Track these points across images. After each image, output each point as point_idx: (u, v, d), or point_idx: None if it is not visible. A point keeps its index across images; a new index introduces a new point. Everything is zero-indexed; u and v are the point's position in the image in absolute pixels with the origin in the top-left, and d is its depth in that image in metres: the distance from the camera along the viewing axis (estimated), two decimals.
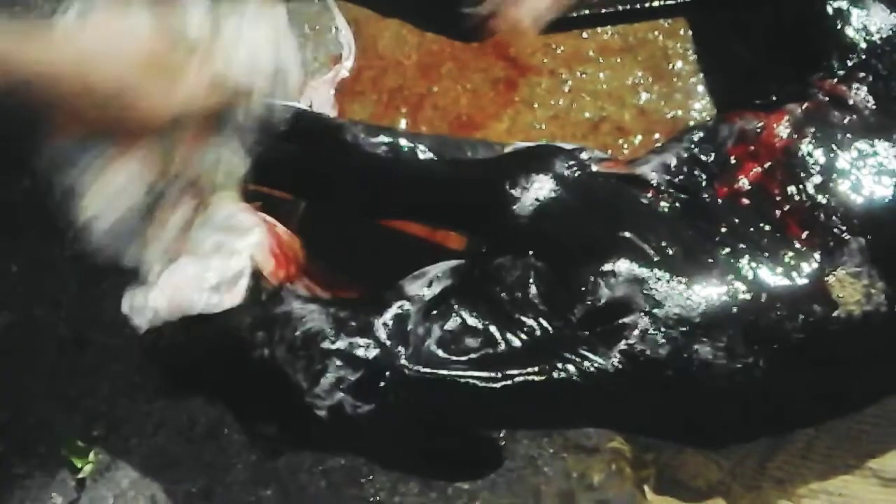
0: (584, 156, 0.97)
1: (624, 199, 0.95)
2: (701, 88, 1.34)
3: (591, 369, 0.85)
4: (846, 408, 0.98)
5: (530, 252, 0.90)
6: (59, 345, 1.30)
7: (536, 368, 0.85)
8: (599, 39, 1.39)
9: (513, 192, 0.92)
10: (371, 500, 1.16)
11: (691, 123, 1.31)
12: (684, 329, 0.86)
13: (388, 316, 0.89)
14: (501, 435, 1.16)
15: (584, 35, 1.39)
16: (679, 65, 1.35)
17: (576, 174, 0.94)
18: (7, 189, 1.39)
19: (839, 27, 1.04)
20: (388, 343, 0.86)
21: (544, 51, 1.39)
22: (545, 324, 0.87)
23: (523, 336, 0.87)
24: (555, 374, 0.85)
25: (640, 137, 1.32)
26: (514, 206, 0.92)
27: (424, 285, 0.91)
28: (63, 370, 1.29)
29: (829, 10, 1.05)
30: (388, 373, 0.85)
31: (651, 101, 1.34)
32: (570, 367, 0.85)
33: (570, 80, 1.37)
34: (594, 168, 0.97)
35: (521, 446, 1.16)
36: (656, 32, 1.38)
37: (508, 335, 0.87)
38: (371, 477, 1.17)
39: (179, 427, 1.24)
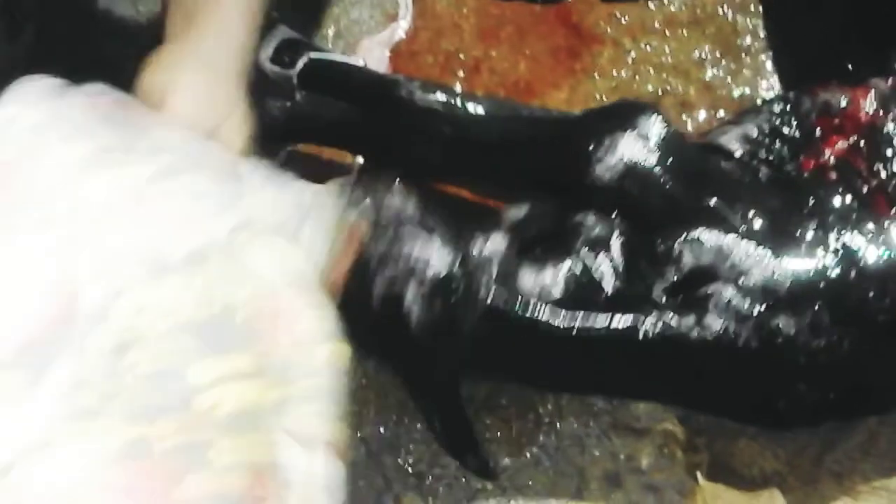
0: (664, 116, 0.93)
1: (710, 165, 0.92)
2: (770, 66, 1.29)
3: (669, 335, 0.83)
4: None
5: (613, 212, 0.86)
6: None
7: (614, 325, 0.83)
8: (666, 11, 1.34)
9: (597, 150, 0.88)
10: (410, 470, 1.13)
11: (759, 102, 1.27)
12: (769, 302, 0.83)
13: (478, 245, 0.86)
14: (549, 409, 1.13)
15: (651, 5, 1.34)
16: (748, 40, 1.31)
17: (661, 134, 0.90)
18: None
19: None
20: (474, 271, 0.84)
21: (608, 20, 1.34)
22: (625, 285, 0.84)
23: (603, 295, 0.84)
24: (631, 335, 0.83)
25: (703, 114, 1.27)
26: (598, 165, 0.88)
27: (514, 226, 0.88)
28: None
29: None
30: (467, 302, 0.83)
31: (717, 77, 1.29)
32: (648, 331, 0.82)
33: (633, 51, 1.32)
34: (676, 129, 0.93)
35: (567, 424, 1.13)
36: (726, 6, 1.33)
37: (588, 291, 0.84)
38: (411, 447, 1.14)
39: None
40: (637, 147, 0.88)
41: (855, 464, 1.05)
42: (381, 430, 1.15)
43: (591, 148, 0.88)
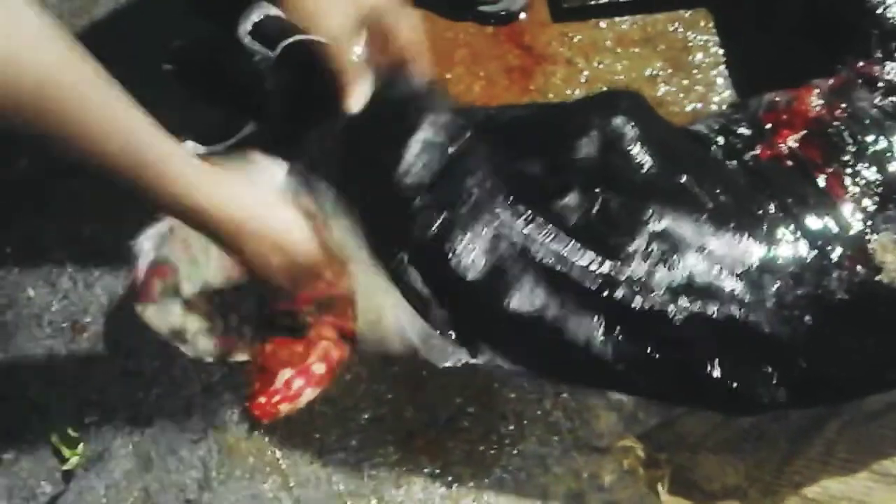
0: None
1: (682, 145, 0.97)
2: (721, 81, 1.30)
3: (638, 307, 0.84)
4: (891, 381, 0.95)
5: (597, 187, 0.89)
6: (52, 329, 1.26)
7: (587, 288, 0.84)
8: (617, 29, 1.35)
9: (586, 126, 0.92)
10: (373, 494, 1.12)
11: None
12: (734, 275, 0.86)
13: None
14: (511, 429, 1.13)
15: (602, 24, 1.36)
16: (699, 57, 1.32)
17: (642, 114, 0.94)
18: (2, 169, 1.35)
19: (879, 11, 1.06)
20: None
21: (560, 39, 1.35)
22: (601, 253, 0.86)
23: (580, 263, 0.85)
24: (599, 304, 0.84)
25: None
26: (585, 139, 0.91)
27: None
28: (56, 355, 1.25)
29: None
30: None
31: (670, 93, 1.30)
32: (617, 297, 0.84)
33: (586, 70, 1.33)
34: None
35: (529, 444, 1.12)
36: (676, 23, 1.34)
37: (565, 258, 0.85)
38: (374, 472, 1.13)
39: (175, 416, 1.19)
40: (620, 123, 0.91)
41: (815, 474, 1.05)
42: (344, 455, 1.14)
43: (580, 124, 0.92)
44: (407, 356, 0.89)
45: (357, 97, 0.88)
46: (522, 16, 1.37)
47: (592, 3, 1.35)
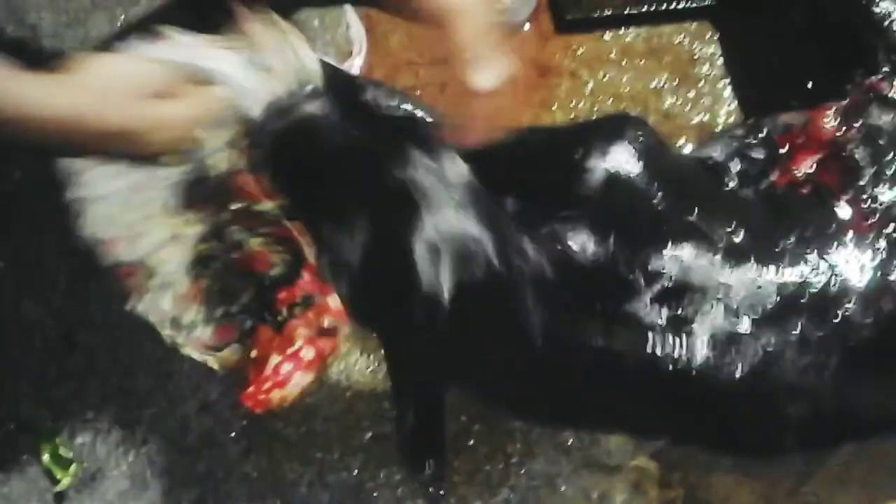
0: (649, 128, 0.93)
1: (692, 177, 0.93)
2: (728, 93, 1.29)
3: (649, 352, 0.80)
4: None
5: (602, 225, 0.85)
6: (45, 345, 1.23)
7: (590, 333, 0.81)
8: (622, 41, 1.33)
9: (587, 157, 0.87)
10: None
11: (719, 129, 1.26)
12: (755, 317, 0.82)
13: None
14: (518, 447, 1.10)
15: (606, 37, 1.34)
16: (706, 68, 1.30)
17: (648, 144, 0.90)
18: None
19: (885, 24, 1.04)
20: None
21: (564, 52, 1.33)
22: (608, 294, 0.82)
23: (583, 305, 0.82)
24: (603, 350, 0.81)
25: None
26: (587, 173, 0.87)
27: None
28: (49, 372, 1.22)
29: (877, 9, 1.04)
30: None
31: (676, 106, 1.28)
32: (625, 343, 0.81)
33: (590, 82, 1.31)
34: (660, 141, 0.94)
35: (537, 463, 1.10)
36: (682, 35, 1.33)
37: (567, 300, 0.82)
38: (376, 494, 1.10)
39: (171, 435, 1.17)
40: (625, 156, 0.88)
41: (831, 495, 1.03)
42: (345, 475, 1.12)
43: (580, 155, 0.88)
44: None
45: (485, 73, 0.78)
46: (525, 27, 1.35)
47: (597, 14, 1.33)
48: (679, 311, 0.82)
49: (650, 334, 0.81)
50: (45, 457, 1.17)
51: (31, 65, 0.75)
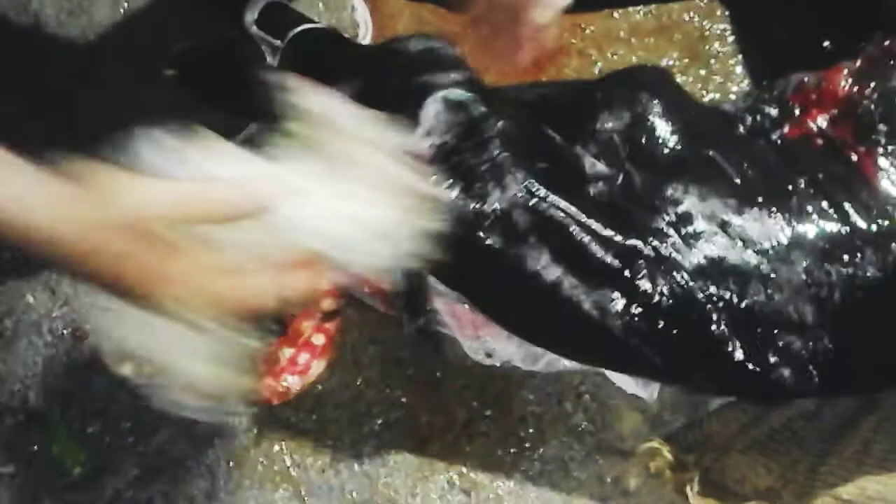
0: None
1: (707, 121, 0.94)
2: (740, 70, 1.27)
3: (660, 284, 0.81)
4: None
5: (621, 161, 0.87)
6: (53, 336, 1.23)
7: (607, 263, 0.81)
8: (631, 20, 1.31)
9: (612, 101, 0.90)
10: (388, 503, 1.09)
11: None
12: (763, 251, 0.83)
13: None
14: (530, 432, 1.09)
15: (615, 15, 1.32)
16: (716, 46, 1.29)
17: (669, 90, 0.93)
18: None
19: None
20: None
21: (573, 30, 1.32)
22: (624, 228, 0.83)
23: (601, 236, 0.82)
24: (619, 279, 0.81)
25: None
26: (612, 114, 0.89)
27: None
28: (56, 364, 1.21)
29: None
30: None
31: (687, 84, 1.27)
32: (638, 274, 0.81)
33: (599, 61, 1.30)
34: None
35: (550, 447, 1.09)
36: (692, 13, 1.31)
37: (586, 231, 0.82)
38: (388, 480, 1.09)
39: (180, 425, 1.16)
40: (645, 98, 0.90)
41: (851, 474, 1.01)
42: (356, 463, 1.11)
43: (604, 99, 0.90)
44: None
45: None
46: None
47: None
48: (688, 241, 0.84)
49: (656, 263, 0.82)
50: (55, 448, 1.16)
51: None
